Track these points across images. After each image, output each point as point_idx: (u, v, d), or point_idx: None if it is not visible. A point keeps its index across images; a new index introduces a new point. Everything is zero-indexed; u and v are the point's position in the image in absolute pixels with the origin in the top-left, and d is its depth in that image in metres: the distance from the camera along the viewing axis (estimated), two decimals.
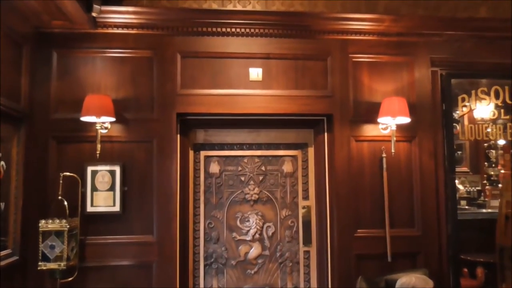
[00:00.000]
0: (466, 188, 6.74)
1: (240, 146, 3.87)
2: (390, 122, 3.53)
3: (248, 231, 3.80)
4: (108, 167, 3.46)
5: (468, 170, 7.00)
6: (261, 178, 3.86)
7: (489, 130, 3.94)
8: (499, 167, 6.23)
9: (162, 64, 3.56)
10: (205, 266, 3.77)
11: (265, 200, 3.85)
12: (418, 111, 3.72)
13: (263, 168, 3.87)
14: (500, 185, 5.54)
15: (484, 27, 3.77)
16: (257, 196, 3.83)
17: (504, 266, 3.74)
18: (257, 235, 3.80)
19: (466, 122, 3.98)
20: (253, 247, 3.80)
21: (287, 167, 3.89)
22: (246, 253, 3.79)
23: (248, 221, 3.82)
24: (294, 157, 3.91)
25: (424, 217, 3.67)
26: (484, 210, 5.70)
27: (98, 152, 3.35)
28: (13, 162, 3.21)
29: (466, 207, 5.99)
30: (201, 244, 3.77)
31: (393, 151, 3.57)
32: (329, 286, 3.65)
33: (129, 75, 3.55)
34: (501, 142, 5.81)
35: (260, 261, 3.80)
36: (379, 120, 3.56)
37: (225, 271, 3.78)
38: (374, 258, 3.59)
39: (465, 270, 4.33)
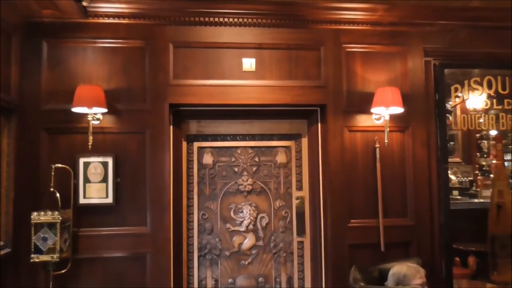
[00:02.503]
0: (458, 178, 6.80)
1: (234, 137, 3.86)
2: (383, 112, 3.53)
3: (242, 222, 3.80)
4: (100, 159, 3.43)
5: (460, 161, 7.06)
6: (254, 169, 3.85)
7: (481, 120, 3.95)
8: (491, 157, 6.28)
9: (154, 54, 3.52)
10: (199, 257, 3.76)
11: (259, 191, 3.85)
12: (411, 101, 3.72)
13: (256, 159, 3.86)
14: (491, 175, 5.58)
15: (477, 17, 3.76)
16: (250, 187, 3.83)
17: (496, 254, 3.78)
18: (251, 226, 3.80)
19: (458, 112, 3.98)
20: (247, 237, 3.80)
21: (280, 158, 3.88)
22: (240, 244, 3.80)
23: (242, 212, 3.81)
24: (287, 147, 3.90)
25: (417, 207, 3.69)
26: (476, 200, 5.76)
27: (90, 144, 3.31)
28: (4, 154, 3.18)
29: (458, 197, 6.04)
30: (195, 235, 3.77)
31: (386, 141, 3.57)
32: (323, 276, 3.66)
33: (121, 65, 3.51)
34: (493, 132, 5.86)
35: (254, 251, 3.81)
36: (372, 110, 3.56)
37: (219, 262, 3.78)
38: (368, 248, 3.61)
39: (457, 259, 4.37)
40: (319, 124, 3.76)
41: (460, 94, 3.91)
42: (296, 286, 3.83)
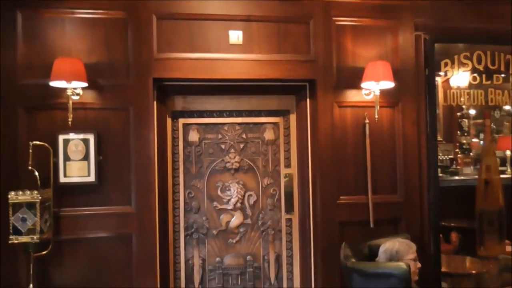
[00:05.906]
0: (439, 156, 6.86)
1: (220, 113, 3.75)
2: (373, 87, 3.46)
3: (229, 200, 3.73)
4: (81, 136, 3.28)
5: (441, 139, 7.11)
6: (242, 146, 3.76)
7: (462, 99, 3.89)
8: (471, 136, 6.34)
9: (137, 27, 3.36)
10: (185, 236, 3.68)
11: (247, 169, 3.77)
12: (402, 76, 3.66)
13: (244, 135, 3.77)
14: (471, 154, 5.64)
15: None
16: (238, 165, 3.74)
17: (483, 230, 3.81)
18: (238, 204, 3.73)
19: (441, 89, 3.93)
20: (234, 216, 3.73)
21: (268, 135, 3.80)
22: (228, 222, 3.73)
23: (229, 190, 3.73)
24: (275, 124, 3.81)
25: (406, 183, 3.67)
26: (457, 177, 5.81)
27: (70, 120, 3.15)
28: None
29: (440, 174, 6.09)
30: (181, 214, 3.68)
31: (376, 117, 3.52)
32: (312, 253, 3.64)
33: (102, 38, 3.33)
34: (472, 112, 5.90)
35: (241, 230, 3.75)
36: (362, 85, 3.49)
37: (206, 241, 3.71)
38: (357, 225, 3.58)
39: (440, 235, 4.40)
40: (308, 100, 3.67)
41: (450, 70, 3.84)
42: (284, 263, 3.79)
